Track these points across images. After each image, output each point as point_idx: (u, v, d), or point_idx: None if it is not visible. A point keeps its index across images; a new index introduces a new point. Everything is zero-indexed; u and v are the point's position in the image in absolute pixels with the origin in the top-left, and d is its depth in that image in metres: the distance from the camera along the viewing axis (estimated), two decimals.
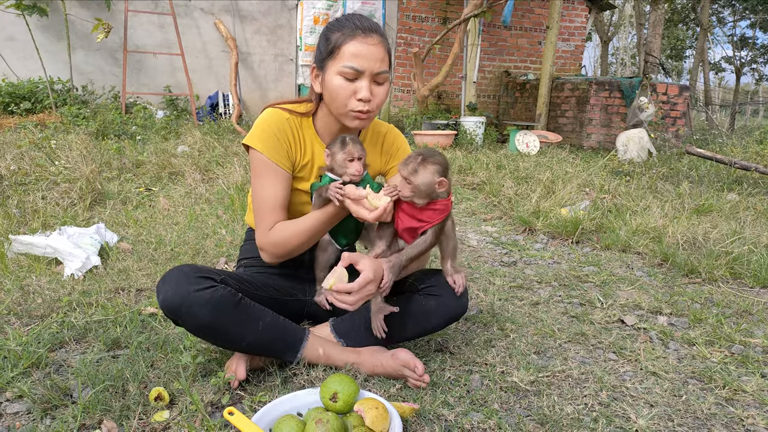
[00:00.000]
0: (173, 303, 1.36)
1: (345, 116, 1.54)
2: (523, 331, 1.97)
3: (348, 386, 1.30)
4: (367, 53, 1.46)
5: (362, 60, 1.46)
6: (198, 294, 1.37)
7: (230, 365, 1.52)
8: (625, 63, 30.14)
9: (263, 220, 1.57)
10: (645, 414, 1.45)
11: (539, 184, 4.35)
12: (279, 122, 1.60)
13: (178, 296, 1.36)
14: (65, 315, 1.91)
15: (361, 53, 1.46)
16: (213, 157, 4.92)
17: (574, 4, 10.42)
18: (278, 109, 1.63)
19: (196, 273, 1.40)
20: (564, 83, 8.85)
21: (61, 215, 3.11)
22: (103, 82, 7.91)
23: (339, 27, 1.50)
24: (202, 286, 1.38)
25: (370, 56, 1.47)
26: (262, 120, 1.60)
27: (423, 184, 1.46)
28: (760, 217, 3.64)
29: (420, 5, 9.54)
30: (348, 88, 1.49)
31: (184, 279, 1.38)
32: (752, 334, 2.01)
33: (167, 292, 1.37)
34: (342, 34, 1.48)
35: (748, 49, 21.48)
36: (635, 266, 2.85)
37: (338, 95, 1.50)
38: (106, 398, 1.38)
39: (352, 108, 1.51)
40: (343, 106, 1.52)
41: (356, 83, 1.49)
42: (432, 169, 1.46)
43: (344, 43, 1.47)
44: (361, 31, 1.47)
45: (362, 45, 1.46)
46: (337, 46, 1.48)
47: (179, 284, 1.37)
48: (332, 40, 1.49)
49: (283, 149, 1.59)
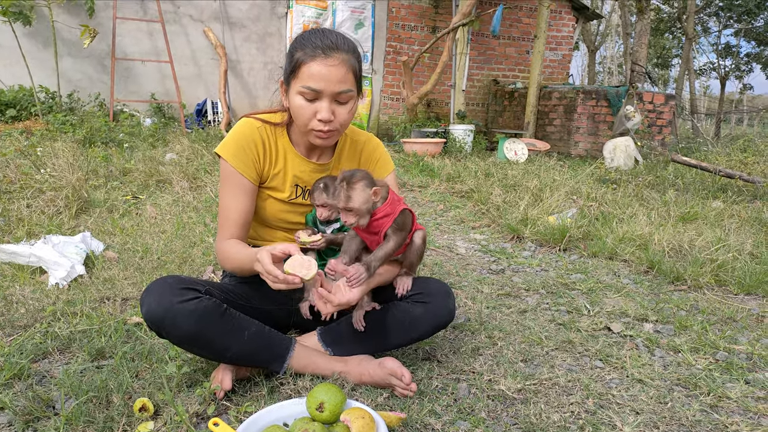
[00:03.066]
0: (157, 314, 1.35)
1: (308, 134, 1.55)
2: (510, 339, 1.97)
3: (334, 396, 1.29)
4: (326, 74, 1.44)
5: (320, 81, 1.44)
6: (182, 305, 1.36)
7: (216, 375, 1.50)
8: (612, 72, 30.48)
9: (222, 229, 1.62)
10: (631, 421, 1.46)
11: (527, 192, 4.38)
12: (250, 132, 1.61)
13: (162, 308, 1.35)
14: (49, 325, 1.89)
15: (319, 74, 1.44)
16: (201, 164, 4.89)
17: (561, 14, 10.53)
18: (252, 119, 1.64)
19: (179, 284, 1.40)
20: (552, 92, 8.93)
21: (47, 224, 3.08)
22: (91, 89, 7.86)
23: (302, 45, 1.48)
24: (186, 297, 1.38)
25: (330, 77, 1.44)
26: (234, 130, 1.62)
27: (362, 203, 1.47)
28: (744, 224, 3.68)
29: (409, 14, 9.59)
30: (308, 108, 1.49)
31: (167, 290, 1.37)
32: (736, 340, 2.03)
33: (151, 303, 1.36)
34: (303, 53, 1.46)
35: (732, 58, 21.80)
36: (622, 273, 2.87)
37: (299, 115, 1.51)
38: (90, 409, 1.37)
39: (313, 127, 1.51)
40: (305, 125, 1.52)
41: (316, 103, 1.48)
42: (361, 186, 1.47)
43: (304, 63, 1.45)
44: (321, 50, 1.44)
45: (321, 66, 1.44)
46: (298, 65, 1.47)
47: (163, 295, 1.36)
48: (295, 58, 1.48)
49: (251, 160, 1.60)
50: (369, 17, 9.26)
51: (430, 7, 9.63)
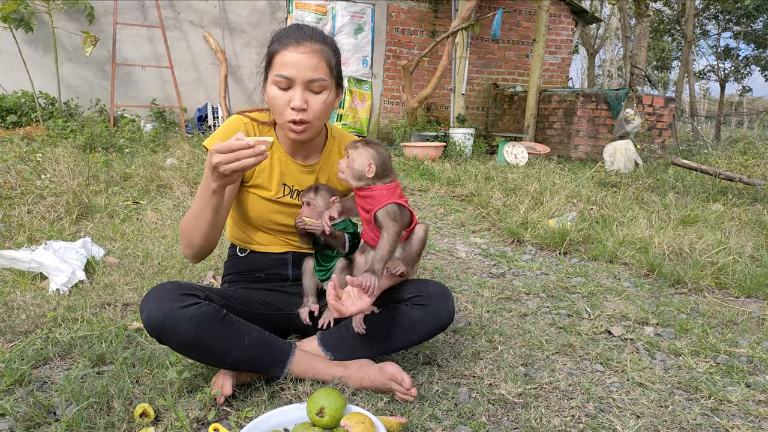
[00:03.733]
0: (157, 320, 1.35)
1: (284, 126, 1.56)
2: (511, 343, 1.97)
3: (335, 401, 1.29)
4: (297, 61, 1.47)
5: (291, 68, 1.47)
6: (182, 311, 1.36)
7: (216, 381, 1.50)
8: (611, 75, 30.51)
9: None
10: (631, 425, 1.46)
11: (527, 196, 4.38)
12: (235, 127, 1.64)
13: (162, 313, 1.35)
14: (50, 331, 1.89)
15: (291, 61, 1.47)
16: (202, 169, 4.90)
17: (561, 18, 10.56)
18: (241, 116, 1.67)
19: (179, 290, 1.40)
20: (551, 95, 8.94)
21: (47, 229, 3.08)
22: (92, 95, 7.88)
23: (277, 38, 1.53)
24: (185, 303, 1.38)
25: (301, 64, 1.47)
26: (222, 125, 1.65)
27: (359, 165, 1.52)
28: (745, 227, 3.68)
29: (409, 18, 9.62)
30: (282, 98, 1.50)
31: (167, 296, 1.37)
32: (737, 344, 2.03)
33: (150, 309, 1.36)
34: (277, 44, 1.50)
35: (731, 61, 21.83)
36: (622, 277, 2.87)
37: (274, 105, 1.53)
38: (91, 415, 1.37)
39: (287, 118, 1.52)
40: (281, 116, 1.53)
41: (289, 92, 1.50)
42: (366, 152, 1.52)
43: (276, 53, 1.49)
44: (293, 39, 1.48)
45: (292, 53, 1.47)
46: (272, 56, 1.50)
47: (162, 301, 1.36)
48: (269, 50, 1.52)
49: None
50: (368, 22, 9.29)
51: (429, 12, 9.66)
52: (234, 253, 1.83)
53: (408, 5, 9.54)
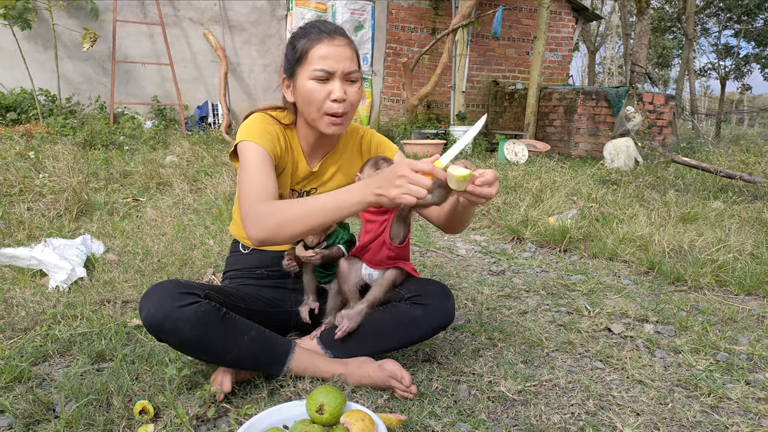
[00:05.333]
0: (156, 320, 1.35)
1: (320, 121, 1.55)
2: (510, 341, 1.97)
3: (334, 398, 1.29)
4: (336, 54, 1.49)
5: (331, 61, 1.49)
6: (181, 310, 1.36)
7: (216, 378, 1.50)
8: (612, 73, 30.48)
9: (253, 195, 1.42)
10: (631, 423, 1.46)
11: (528, 193, 4.38)
12: (268, 121, 1.61)
13: (161, 313, 1.35)
14: (49, 328, 1.89)
15: (329, 55, 1.49)
16: (201, 167, 4.90)
17: (561, 15, 10.54)
18: (265, 115, 1.63)
19: (179, 289, 1.39)
20: (552, 93, 8.93)
21: (47, 227, 3.08)
22: (91, 92, 7.87)
23: (304, 34, 1.53)
24: (185, 302, 1.37)
25: (339, 56, 1.49)
26: (251, 121, 1.60)
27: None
28: (745, 224, 3.68)
29: (409, 16, 9.60)
30: (321, 91, 1.51)
31: (167, 295, 1.37)
32: (737, 341, 2.03)
33: (150, 309, 1.35)
34: (308, 40, 1.51)
35: (732, 59, 21.80)
36: (622, 274, 2.86)
37: (312, 99, 1.52)
38: (90, 412, 1.37)
39: (327, 110, 1.52)
40: (318, 110, 1.53)
41: (328, 85, 1.51)
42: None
43: (311, 48, 1.50)
44: (326, 34, 1.50)
45: (329, 47, 1.49)
46: (305, 51, 1.50)
47: (162, 300, 1.36)
48: (299, 47, 1.52)
49: (274, 141, 1.58)
50: (369, 19, 9.27)
51: (429, 9, 9.64)
52: (237, 249, 1.83)
53: (408, 2, 9.52)
